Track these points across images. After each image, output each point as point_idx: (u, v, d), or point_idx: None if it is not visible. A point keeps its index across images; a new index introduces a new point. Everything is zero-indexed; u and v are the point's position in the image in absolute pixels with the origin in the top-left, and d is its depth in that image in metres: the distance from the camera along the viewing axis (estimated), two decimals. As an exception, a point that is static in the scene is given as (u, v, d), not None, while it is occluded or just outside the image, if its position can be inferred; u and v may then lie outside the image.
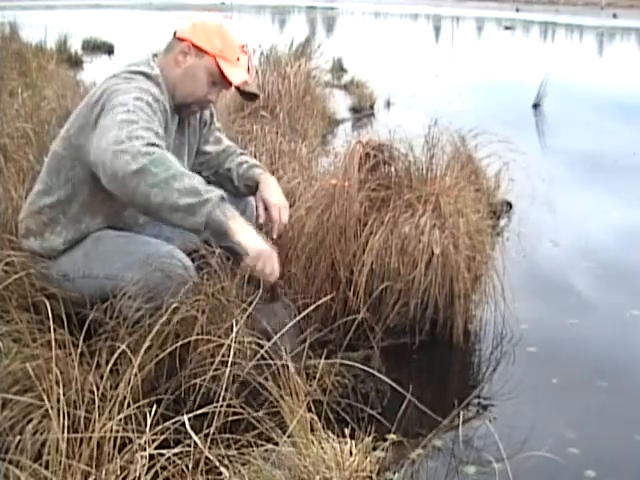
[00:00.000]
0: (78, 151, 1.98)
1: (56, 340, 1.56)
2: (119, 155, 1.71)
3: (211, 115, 2.39)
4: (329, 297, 2.20)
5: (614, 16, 30.92)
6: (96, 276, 2.03)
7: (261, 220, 2.25)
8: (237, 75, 2.09)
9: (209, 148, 2.39)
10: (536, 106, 7.81)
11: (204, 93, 2.11)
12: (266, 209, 2.26)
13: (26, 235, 2.11)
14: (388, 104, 7.59)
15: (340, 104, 6.87)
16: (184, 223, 1.76)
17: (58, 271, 2.07)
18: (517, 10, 35.70)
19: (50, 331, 1.55)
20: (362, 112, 6.97)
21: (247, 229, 1.83)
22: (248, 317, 1.91)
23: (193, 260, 2.04)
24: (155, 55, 2.14)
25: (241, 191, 2.39)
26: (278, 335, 1.87)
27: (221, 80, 2.10)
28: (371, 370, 1.94)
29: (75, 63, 9.26)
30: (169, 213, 1.74)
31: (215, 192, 1.78)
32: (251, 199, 2.40)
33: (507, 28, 22.76)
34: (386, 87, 7.76)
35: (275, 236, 2.23)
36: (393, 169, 2.57)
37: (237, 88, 2.16)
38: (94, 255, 2.05)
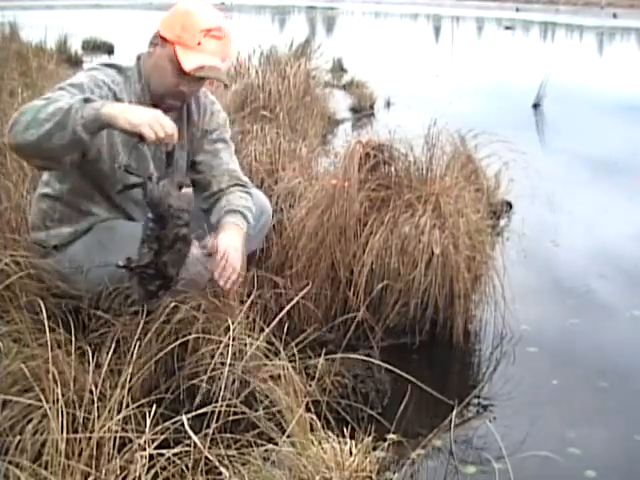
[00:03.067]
0: None
1: (56, 340, 1.55)
2: None
3: (213, 129, 2.18)
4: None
5: (614, 16, 30.89)
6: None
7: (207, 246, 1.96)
8: (191, 60, 1.92)
9: (200, 158, 2.18)
10: (536, 106, 7.81)
11: (172, 83, 1.99)
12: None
13: (33, 228, 2.11)
14: (388, 104, 7.58)
15: (340, 104, 6.87)
16: (67, 141, 1.71)
17: (71, 263, 2.02)
18: (517, 10, 35.68)
19: (49, 330, 1.55)
20: (362, 112, 6.97)
21: (122, 108, 1.75)
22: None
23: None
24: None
25: None
26: None
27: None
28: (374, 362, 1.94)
29: (75, 63, 9.24)
30: (49, 142, 1.71)
31: (77, 98, 1.75)
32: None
33: (507, 28, 22.76)
34: (386, 87, 7.75)
35: (226, 286, 1.94)
36: (393, 169, 2.57)
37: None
38: (110, 244, 1.99)
